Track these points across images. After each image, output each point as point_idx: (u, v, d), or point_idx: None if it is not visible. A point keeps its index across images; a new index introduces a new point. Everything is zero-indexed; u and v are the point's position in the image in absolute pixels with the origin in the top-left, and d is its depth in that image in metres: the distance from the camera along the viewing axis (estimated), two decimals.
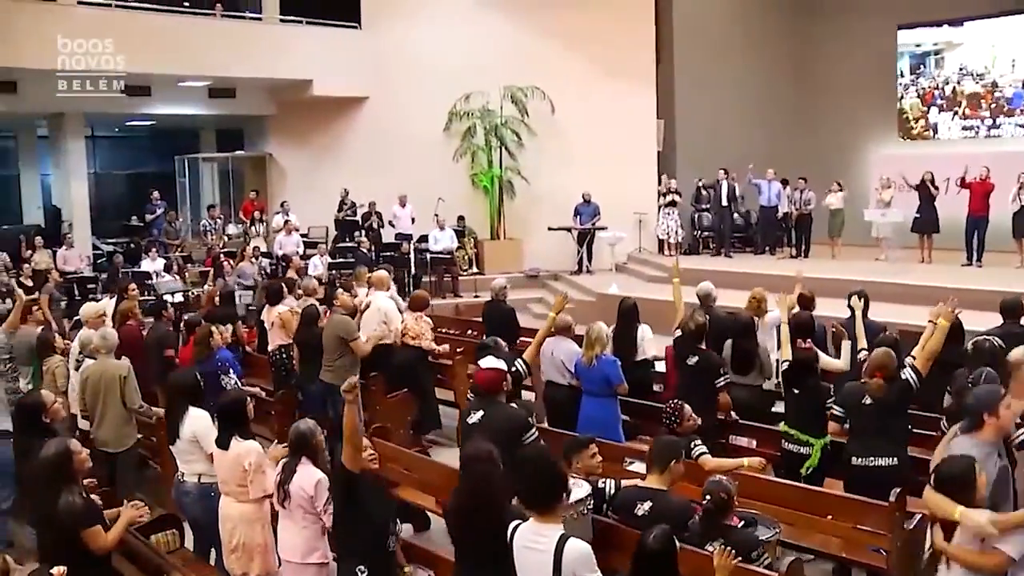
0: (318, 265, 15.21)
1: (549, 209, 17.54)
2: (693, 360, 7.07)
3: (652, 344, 8.37)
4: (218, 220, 17.94)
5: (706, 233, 17.98)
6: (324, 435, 5.09)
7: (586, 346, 7.18)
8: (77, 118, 16.98)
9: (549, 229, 17.14)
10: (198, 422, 5.73)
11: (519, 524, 3.98)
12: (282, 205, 17.50)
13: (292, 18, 17.73)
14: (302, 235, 17.47)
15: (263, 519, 5.17)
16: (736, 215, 17.91)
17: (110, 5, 15.77)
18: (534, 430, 5.03)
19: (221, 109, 18.50)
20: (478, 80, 17.43)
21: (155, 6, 16.23)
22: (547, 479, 3.97)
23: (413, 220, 17.10)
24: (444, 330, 11.77)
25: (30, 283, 13.46)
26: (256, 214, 17.51)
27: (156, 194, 18.29)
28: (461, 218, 17.85)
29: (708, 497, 4.67)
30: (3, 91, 15.43)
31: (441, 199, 16.98)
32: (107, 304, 9.82)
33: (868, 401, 5.83)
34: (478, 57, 17.59)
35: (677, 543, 3.99)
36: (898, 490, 5.21)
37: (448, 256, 16.80)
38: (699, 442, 5.94)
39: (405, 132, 17.71)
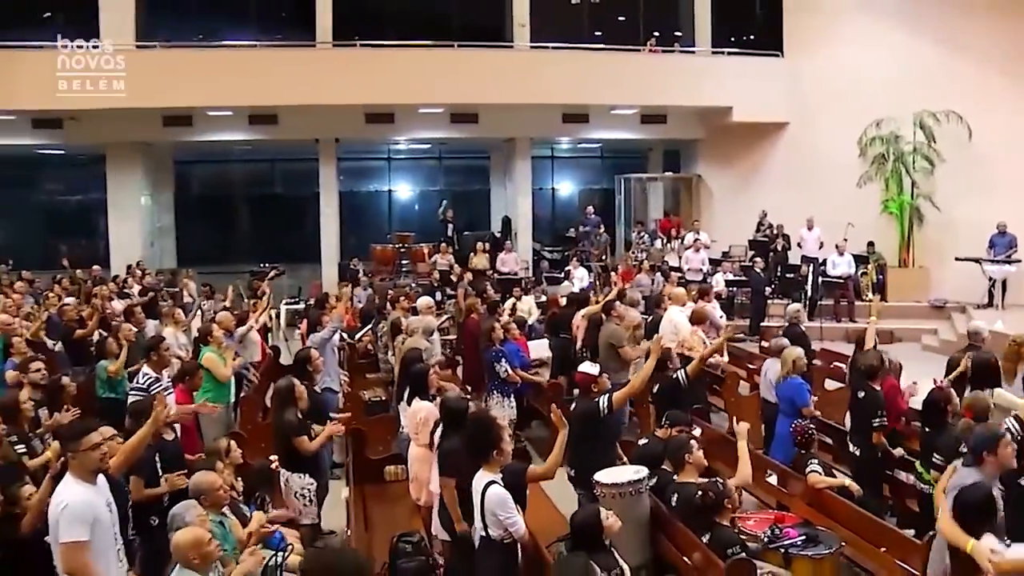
0: (720, 281, 16.12)
1: (962, 238, 16.52)
2: (861, 395, 7.22)
3: None
4: (643, 235, 19.68)
5: None
6: None
7: (781, 366, 7.81)
8: (524, 142, 19.94)
9: (956, 259, 16.19)
10: None
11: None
12: (693, 224, 18.72)
13: (719, 49, 18.97)
14: (723, 253, 18.68)
15: (431, 461, 6.43)
16: None
17: (547, 46, 18.44)
18: (601, 420, 6.20)
19: (653, 134, 20.44)
20: (891, 105, 17.10)
21: (591, 45, 18.56)
22: (482, 437, 5.20)
23: (821, 244, 17.30)
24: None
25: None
26: (671, 231, 19.05)
27: (590, 209, 20.71)
28: (871, 244, 17.53)
29: (699, 495, 5.33)
30: (467, 121, 18.89)
31: (851, 224, 16.85)
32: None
33: (962, 448, 5.69)
34: (893, 81, 17.25)
35: (603, 516, 4.70)
36: (932, 533, 5.07)
37: (842, 281, 16.78)
38: (815, 461, 6.44)
39: (820, 157, 18.06)
